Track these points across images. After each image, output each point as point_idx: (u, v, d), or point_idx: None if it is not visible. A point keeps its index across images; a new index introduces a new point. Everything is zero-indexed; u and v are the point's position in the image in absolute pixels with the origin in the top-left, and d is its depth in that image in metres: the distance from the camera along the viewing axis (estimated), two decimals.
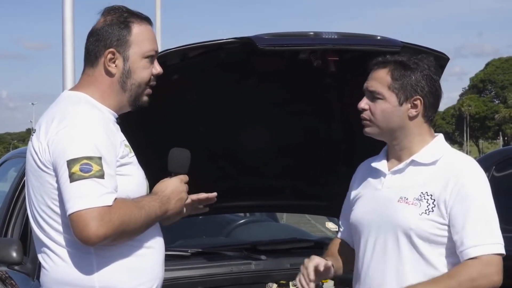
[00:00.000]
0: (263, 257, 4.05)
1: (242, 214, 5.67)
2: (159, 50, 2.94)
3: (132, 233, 2.63)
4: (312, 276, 2.85)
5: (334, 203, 4.60)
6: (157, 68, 2.82)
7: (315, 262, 2.88)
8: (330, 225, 5.52)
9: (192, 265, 3.96)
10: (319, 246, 4.48)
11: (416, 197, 2.77)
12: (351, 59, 3.66)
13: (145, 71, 2.78)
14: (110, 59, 2.73)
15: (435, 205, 2.75)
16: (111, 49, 2.73)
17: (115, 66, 2.74)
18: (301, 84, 4.00)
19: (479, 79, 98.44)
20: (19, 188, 4.60)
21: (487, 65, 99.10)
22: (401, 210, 2.78)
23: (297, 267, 4.04)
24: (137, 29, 2.76)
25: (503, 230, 2.81)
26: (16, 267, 4.00)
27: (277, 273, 4.02)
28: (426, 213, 2.75)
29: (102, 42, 2.74)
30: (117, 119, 2.80)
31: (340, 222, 3.19)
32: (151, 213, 2.66)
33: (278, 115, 4.19)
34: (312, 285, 2.85)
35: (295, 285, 3.99)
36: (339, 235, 3.16)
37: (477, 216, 2.73)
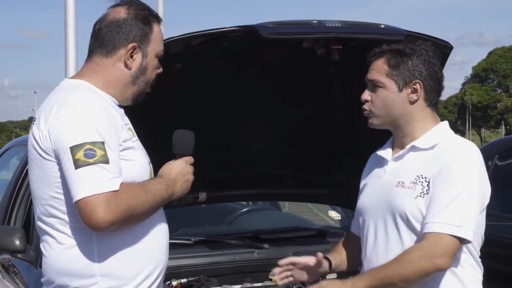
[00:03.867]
0: (266, 245, 4.06)
1: (244, 203, 5.68)
2: None
3: (139, 217, 2.62)
4: (284, 262, 3.04)
5: (336, 192, 4.62)
6: (160, 68, 2.87)
7: (300, 258, 3.01)
8: (333, 214, 5.53)
9: (195, 254, 3.96)
10: (322, 235, 4.49)
11: (412, 180, 2.79)
12: (355, 48, 3.65)
13: (155, 70, 2.83)
14: (131, 53, 2.75)
15: (429, 187, 2.76)
16: (134, 43, 2.74)
17: (133, 60, 2.75)
18: (304, 73, 3.99)
19: (481, 68, 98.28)
20: (21, 177, 4.61)
21: (489, 54, 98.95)
22: (398, 194, 2.81)
23: (299, 256, 4.07)
24: (156, 28, 2.80)
25: (507, 219, 2.79)
26: (19, 255, 4.01)
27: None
28: (421, 196, 2.76)
29: (124, 34, 2.74)
30: (118, 105, 2.79)
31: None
32: (158, 197, 2.66)
33: (281, 104, 4.18)
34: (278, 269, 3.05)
35: None
36: (351, 228, 3.18)
37: (449, 194, 2.71)
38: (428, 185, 2.76)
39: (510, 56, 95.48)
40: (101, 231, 2.55)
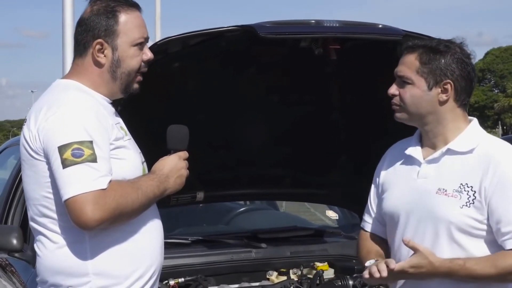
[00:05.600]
0: (263, 245, 4.06)
1: (242, 202, 5.67)
2: (159, 39, 2.94)
3: (130, 214, 2.61)
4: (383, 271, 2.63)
5: (334, 191, 4.63)
6: (148, 54, 2.80)
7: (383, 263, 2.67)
8: (330, 213, 5.54)
9: (192, 253, 3.97)
10: (319, 235, 4.50)
11: (455, 188, 2.67)
12: (353, 48, 3.65)
13: (135, 59, 2.76)
14: (99, 50, 2.72)
15: (475, 197, 2.65)
16: (99, 40, 2.71)
17: (104, 56, 2.73)
18: (302, 73, 3.99)
19: (478, 69, 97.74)
20: (19, 176, 4.59)
21: (486, 54, 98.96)
22: (441, 202, 2.68)
23: (297, 255, 4.09)
24: (125, 18, 2.73)
25: None
26: (16, 255, 4.00)
27: (277, 261, 4.04)
28: (467, 205, 2.65)
29: (90, 33, 2.72)
30: (110, 103, 2.78)
31: (366, 214, 3.00)
32: (149, 193, 2.65)
33: (278, 104, 4.18)
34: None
35: (295, 273, 4.00)
36: (368, 228, 2.96)
37: None
38: (474, 195, 2.65)
39: (507, 56, 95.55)
40: (90, 230, 2.55)
